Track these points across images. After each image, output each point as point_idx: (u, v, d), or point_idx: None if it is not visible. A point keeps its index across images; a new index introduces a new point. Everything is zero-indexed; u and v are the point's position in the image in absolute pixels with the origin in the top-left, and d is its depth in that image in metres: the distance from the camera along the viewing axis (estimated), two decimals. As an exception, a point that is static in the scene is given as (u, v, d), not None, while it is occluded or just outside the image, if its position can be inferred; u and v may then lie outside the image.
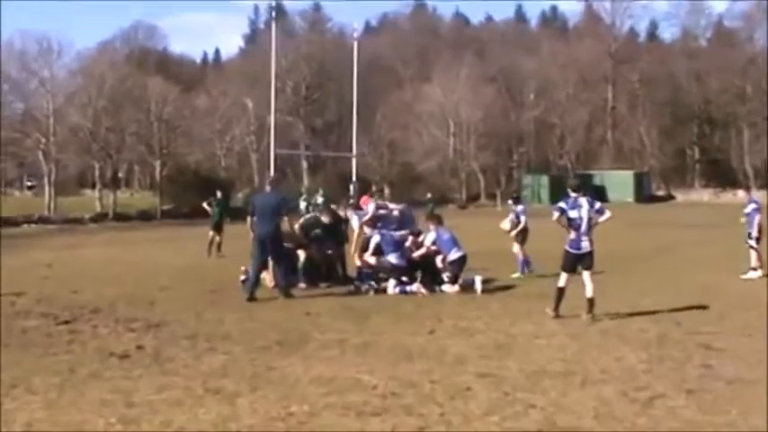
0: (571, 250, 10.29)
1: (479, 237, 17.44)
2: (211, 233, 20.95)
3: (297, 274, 13.87)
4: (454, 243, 13.47)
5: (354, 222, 14.43)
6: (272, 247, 12.42)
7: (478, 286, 12.98)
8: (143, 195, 64.50)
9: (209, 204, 22.02)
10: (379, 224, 13.89)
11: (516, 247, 15.53)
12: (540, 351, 8.35)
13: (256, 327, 9.88)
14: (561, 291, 10.24)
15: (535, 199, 63.41)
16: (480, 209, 54.50)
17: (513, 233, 15.63)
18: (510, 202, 16.75)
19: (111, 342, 8.93)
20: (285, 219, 12.54)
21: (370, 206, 14.78)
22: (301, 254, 13.93)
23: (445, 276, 13.28)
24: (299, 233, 14.26)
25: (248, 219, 12.92)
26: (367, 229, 13.96)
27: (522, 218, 15.68)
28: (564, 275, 10.29)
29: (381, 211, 14.28)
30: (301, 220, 15.42)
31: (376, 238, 13.49)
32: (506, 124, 70.21)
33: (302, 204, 32.20)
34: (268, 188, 13.29)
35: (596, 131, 74.71)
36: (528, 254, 15.57)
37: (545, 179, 65.38)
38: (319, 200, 30.80)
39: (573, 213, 10.22)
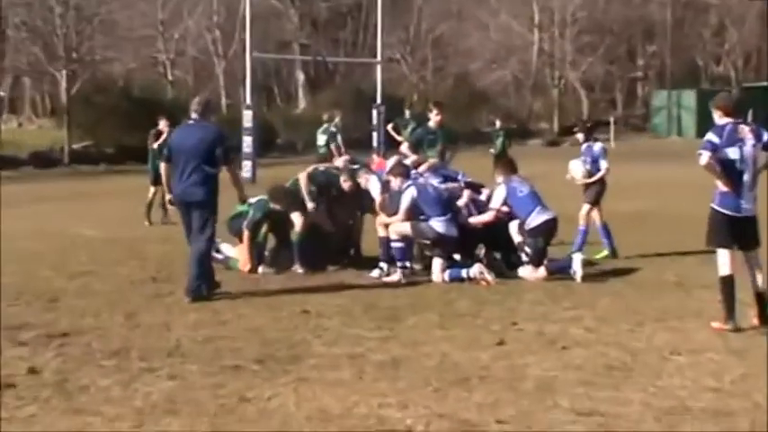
0: (725, 212, 10.07)
1: (579, 192, 17.23)
2: (152, 189, 21.01)
3: (290, 250, 14.05)
4: (536, 201, 13.49)
5: (374, 187, 14.36)
6: (199, 213, 12.06)
7: (578, 270, 13.02)
8: (40, 127, 64.70)
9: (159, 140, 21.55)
10: (412, 172, 13.96)
11: (585, 209, 15.34)
12: (678, 376, 8.34)
13: (224, 335, 9.95)
14: (729, 283, 10.00)
15: (673, 128, 63.16)
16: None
17: (584, 183, 15.43)
18: (580, 137, 16.07)
19: (-14, 363, 8.99)
20: (226, 169, 12.23)
21: (389, 163, 15.05)
22: (297, 219, 13.96)
23: (523, 254, 13.30)
24: (306, 187, 14.29)
25: (162, 167, 12.78)
26: (394, 182, 13.83)
27: (603, 163, 15.38)
28: (724, 255, 10.07)
29: (408, 160, 14.64)
30: (310, 169, 15.21)
31: (411, 193, 13.34)
32: (625, 10, 69.61)
33: (321, 139, 32.10)
34: (194, 117, 12.59)
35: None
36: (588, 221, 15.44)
37: (690, 97, 65.08)
38: (332, 129, 30.89)
39: (731, 152, 10.04)
